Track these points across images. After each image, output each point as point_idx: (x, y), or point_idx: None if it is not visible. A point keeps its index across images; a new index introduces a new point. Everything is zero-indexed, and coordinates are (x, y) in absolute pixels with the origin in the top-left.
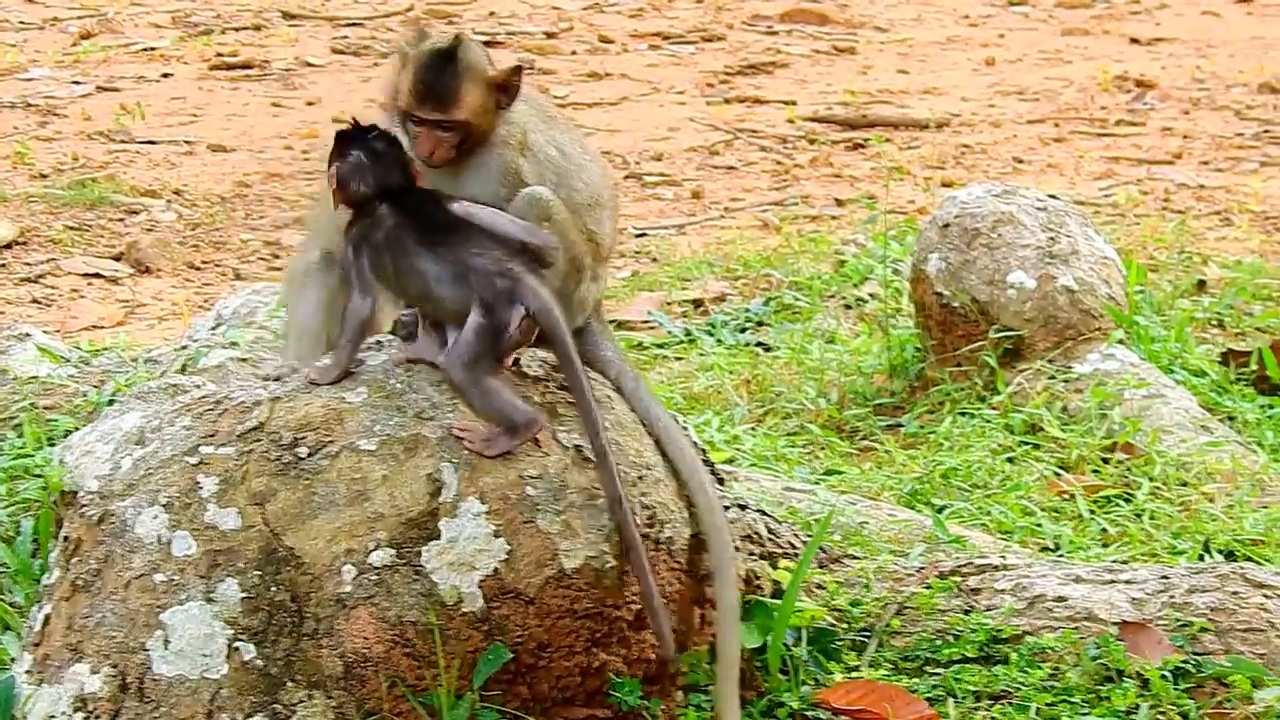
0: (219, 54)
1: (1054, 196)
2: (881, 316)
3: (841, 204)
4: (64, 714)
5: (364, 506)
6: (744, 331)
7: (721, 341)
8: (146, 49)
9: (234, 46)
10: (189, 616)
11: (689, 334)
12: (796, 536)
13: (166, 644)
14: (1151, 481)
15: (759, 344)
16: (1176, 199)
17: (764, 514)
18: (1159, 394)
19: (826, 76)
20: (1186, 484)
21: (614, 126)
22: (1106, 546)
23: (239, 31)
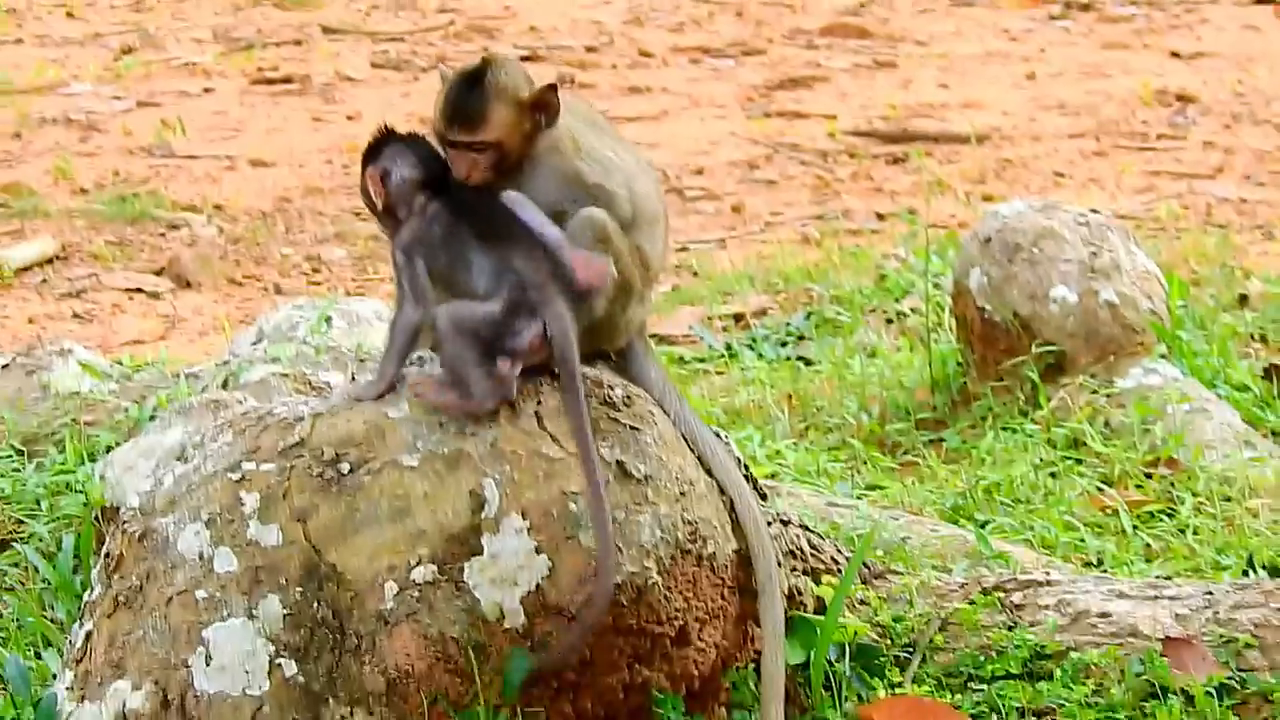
0: (260, 69)
1: (1095, 211)
2: (923, 331)
3: (882, 218)
4: None
5: (406, 523)
6: (785, 346)
7: (762, 356)
8: (188, 64)
9: (275, 61)
10: (231, 633)
11: (730, 348)
12: (839, 552)
13: (208, 660)
14: (1195, 496)
15: (800, 358)
16: (1218, 213)
17: (806, 529)
18: (1202, 409)
19: (867, 90)
20: (1230, 499)
21: (654, 141)
22: (1150, 562)
23: (280, 46)
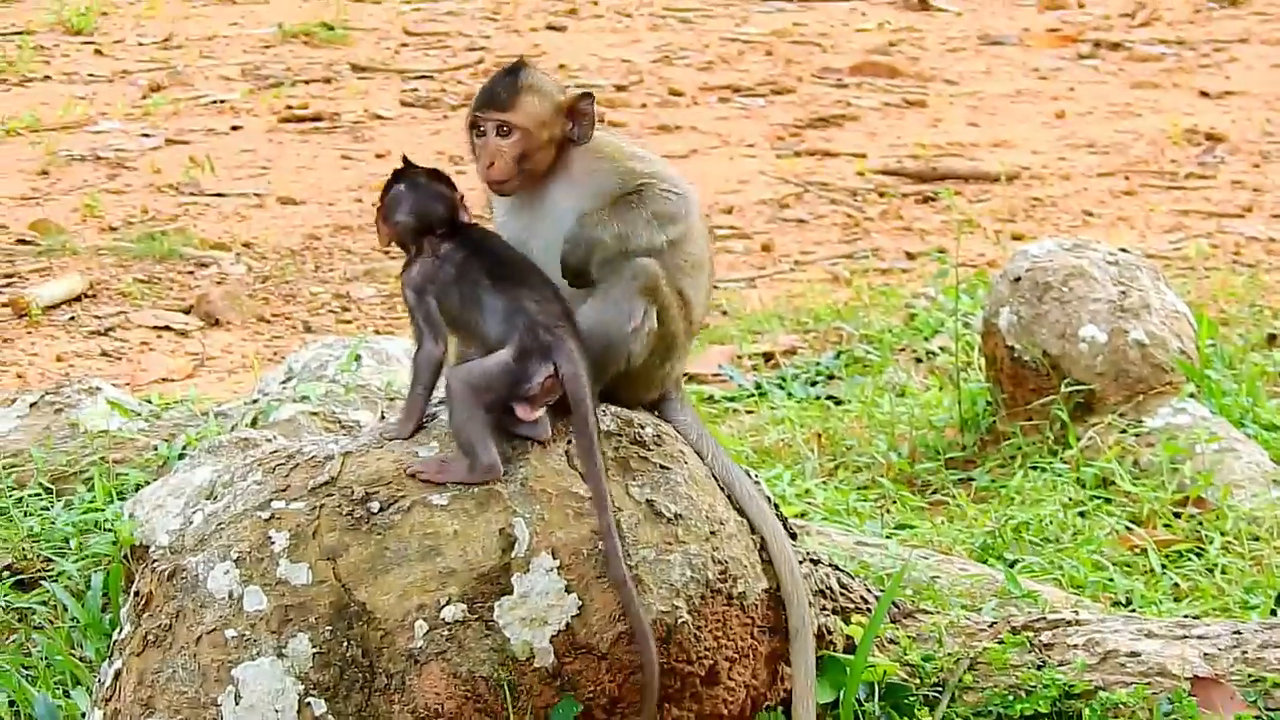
0: (289, 106)
1: (1125, 250)
2: (952, 370)
3: (912, 257)
4: None
5: (436, 562)
6: (815, 385)
7: (792, 395)
8: (216, 101)
9: (304, 99)
10: (260, 672)
11: (760, 387)
12: (869, 591)
13: (238, 699)
14: (1223, 536)
15: (830, 397)
16: (1247, 252)
17: (836, 568)
18: (1230, 448)
19: (896, 129)
20: (1258, 538)
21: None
22: (1178, 601)
23: (309, 84)
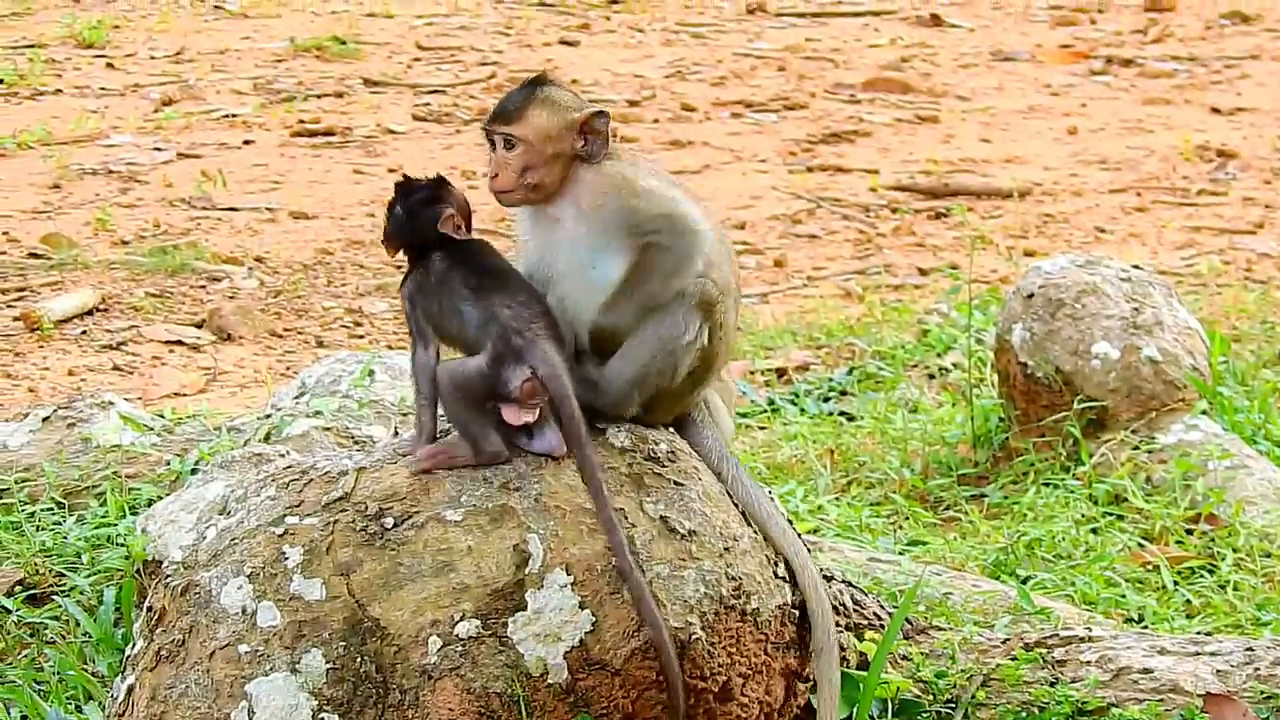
0: (301, 121)
1: (1138, 267)
2: (965, 386)
3: (924, 273)
4: None
5: (450, 577)
6: (827, 401)
7: (805, 411)
8: (228, 115)
9: (316, 113)
10: (274, 687)
11: (772, 403)
12: (881, 607)
13: (251, 715)
14: (1235, 553)
15: (842, 413)
16: (1259, 269)
17: (849, 585)
18: (1242, 465)
19: (909, 145)
20: (1270, 555)
21: (696, 195)
22: (1191, 618)
23: (321, 98)
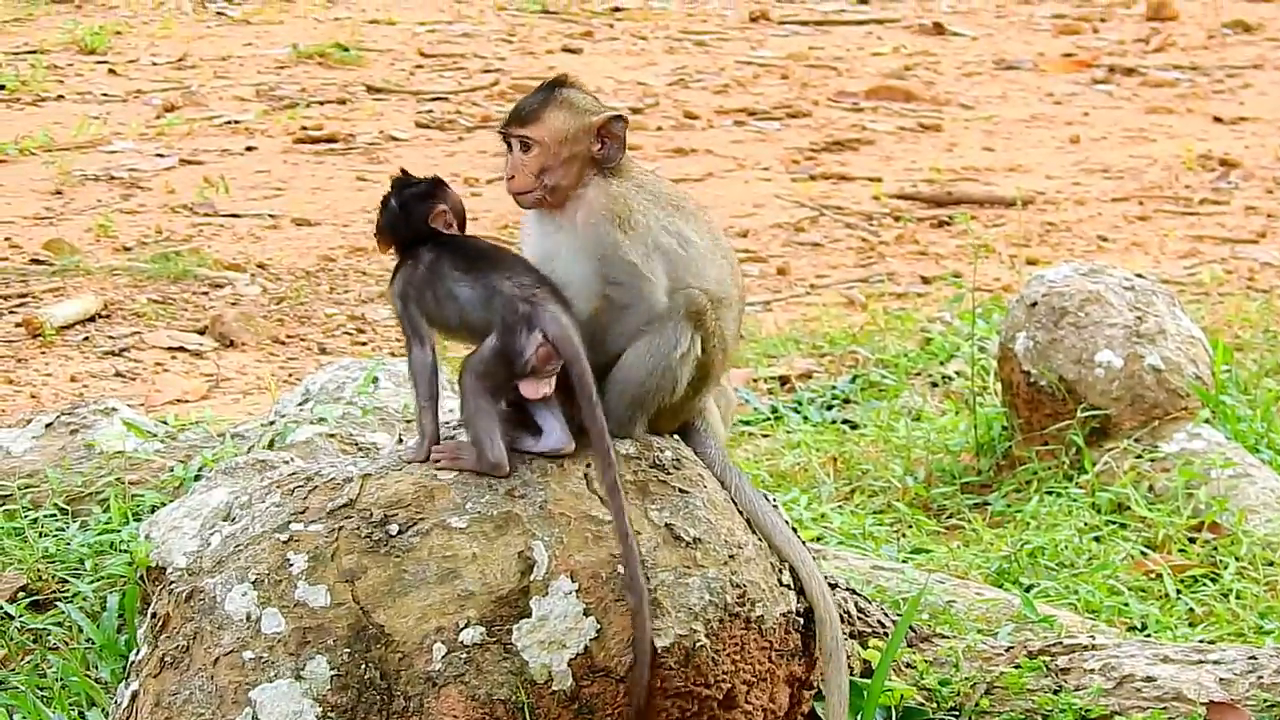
0: (303, 127)
1: (1141, 275)
2: (968, 395)
3: (928, 281)
4: None
5: (454, 584)
6: (830, 409)
7: (808, 419)
8: (231, 122)
9: (318, 120)
10: (278, 694)
11: (775, 411)
12: (885, 615)
13: None
14: (1238, 561)
15: (845, 421)
16: (1261, 278)
17: (853, 592)
18: (1245, 473)
19: (912, 153)
20: (1273, 564)
21: (699, 203)
22: (1194, 626)
23: (323, 105)
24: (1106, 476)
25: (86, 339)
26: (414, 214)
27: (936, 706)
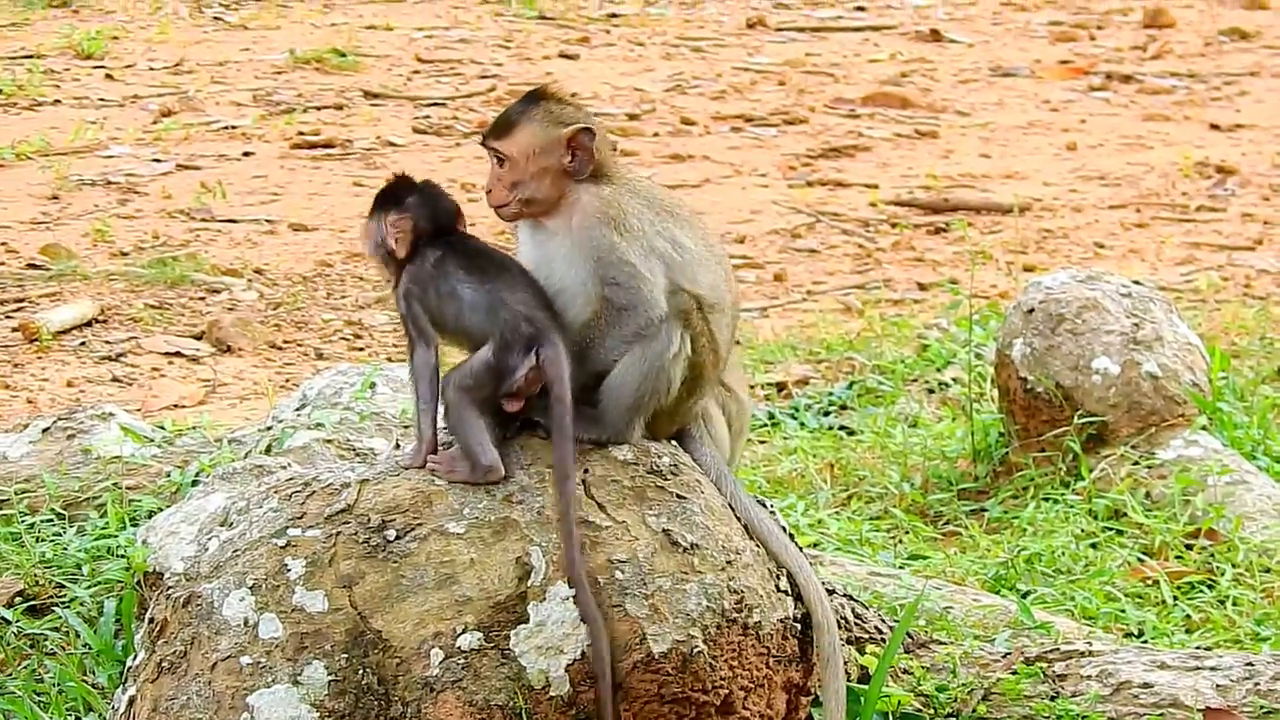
0: (300, 133)
1: (1138, 282)
2: (965, 401)
3: (924, 288)
4: None
5: (452, 590)
6: (827, 415)
7: (805, 425)
8: (228, 127)
9: (316, 125)
10: (276, 699)
11: (772, 417)
12: (883, 621)
13: None
14: (1235, 568)
15: (842, 428)
16: (1258, 285)
17: (850, 599)
18: (1242, 480)
19: (908, 160)
20: (1270, 570)
21: (696, 208)
22: (1190, 633)
23: (321, 110)
24: (1103, 483)
25: (83, 344)
26: (449, 209)
27: (934, 713)
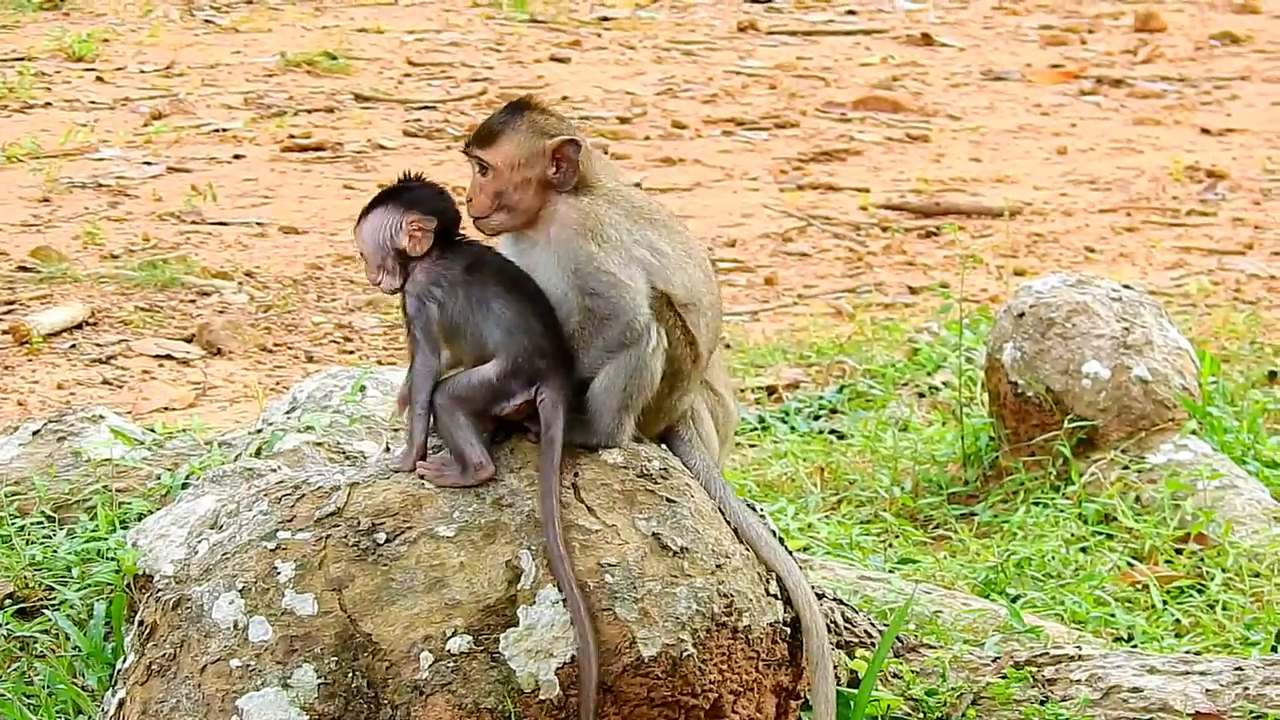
0: (291, 136)
1: (1129, 286)
2: (955, 405)
3: (915, 292)
4: None
5: (442, 593)
6: (817, 419)
7: (795, 429)
8: (218, 130)
9: (306, 128)
10: (265, 702)
11: (763, 421)
12: (872, 625)
13: None
14: (1224, 572)
15: (832, 432)
16: (1248, 289)
17: (840, 603)
18: (1232, 485)
19: (899, 164)
20: (1259, 575)
21: (687, 212)
22: (1180, 637)
23: (311, 113)
24: (1093, 487)
25: (74, 346)
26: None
27: (923, 717)
